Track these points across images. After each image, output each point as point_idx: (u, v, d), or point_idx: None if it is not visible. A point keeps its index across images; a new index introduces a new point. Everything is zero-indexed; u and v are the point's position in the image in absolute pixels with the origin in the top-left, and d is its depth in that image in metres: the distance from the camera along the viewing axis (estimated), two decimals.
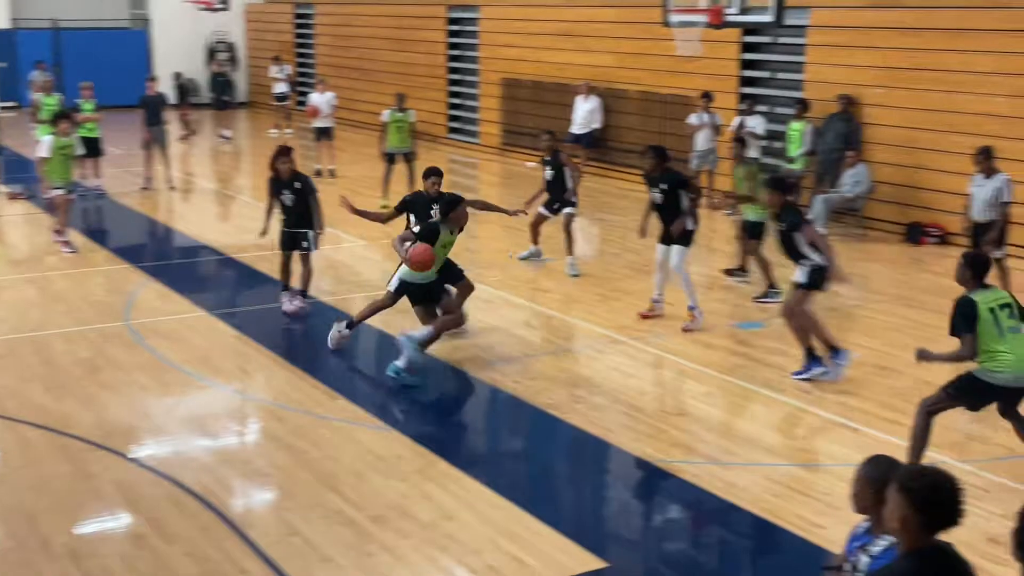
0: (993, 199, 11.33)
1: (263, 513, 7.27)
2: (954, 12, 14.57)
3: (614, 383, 9.57)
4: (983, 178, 11.46)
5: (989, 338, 7.27)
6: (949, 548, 3.55)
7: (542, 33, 21.69)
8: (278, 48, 30.03)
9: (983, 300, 7.40)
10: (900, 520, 3.50)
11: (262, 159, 24.22)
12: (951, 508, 3.46)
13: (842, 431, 8.42)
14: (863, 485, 4.04)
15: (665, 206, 11.03)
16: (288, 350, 10.59)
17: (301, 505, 7.12)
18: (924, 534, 3.47)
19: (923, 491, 3.45)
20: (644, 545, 7.13)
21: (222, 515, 6.95)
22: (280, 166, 11.64)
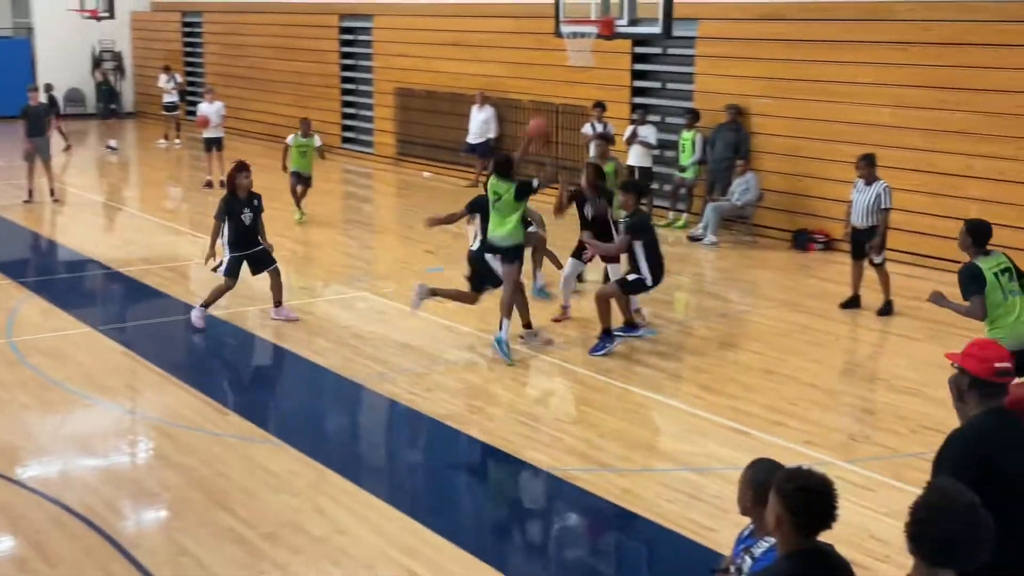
0: (874, 205, 11.67)
1: (151, 533, 7.11)
2: (836, 25, 14.99)
3: (510, 392, 9.60)
4: (864, 184, 11.79)
5: (994, 303, 7.56)
6: (828, 549, 3.63)
7: (436, 43, 21.69)
8: (165, 57, 29.48)
9: (987, 266, 7.85)
10: (775, 521, 3.58)
11: (149, 170, 23.84)
12: (823, 510, 3.53)
13: (732, 434, 8.57)
14: (745, 488, 4.13)
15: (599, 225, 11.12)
16: (178, 366, 10.38)
17: (191, 524, 6.98)
18: (800, 535, 3.54)
19: (794, 493, 3.53)
20: (542, 555, 7.15)
21: (108, 536, 6.77)
22: (243, 181, 11.28)
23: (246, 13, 27.69)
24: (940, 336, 11.04)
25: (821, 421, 8.82)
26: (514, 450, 8.24)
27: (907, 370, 10.10)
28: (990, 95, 13.29)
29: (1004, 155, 13.20)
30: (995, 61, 13.23)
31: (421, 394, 9.42)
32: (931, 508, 3.31)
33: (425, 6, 22.04)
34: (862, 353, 11.19)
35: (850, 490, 7.30)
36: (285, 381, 10.51)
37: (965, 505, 3.30)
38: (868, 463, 7.96)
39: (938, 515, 3.28)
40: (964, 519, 3.27)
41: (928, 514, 3.30)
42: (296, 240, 15.54)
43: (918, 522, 3.30)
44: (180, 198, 20.49)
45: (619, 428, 8.77)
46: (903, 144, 14.05)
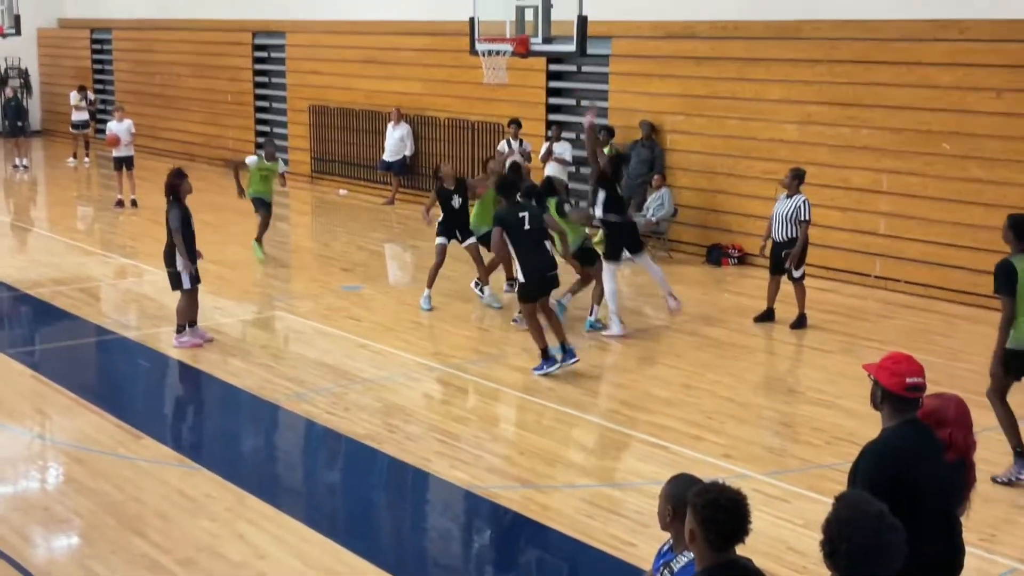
0: (793, 216, 11.89)
1: (62, 561, 6.93)
2: (744, 43, 15.27)
3: (429, 411, 9.57)
4: (785, 197, 12.02)
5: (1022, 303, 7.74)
6: (746, 563, 3.67)
7: (350, 60, 21.60)
8: (75, 74, 28.91)
9: (1022, 266, 7.80)
10: (691, 536, 3.62)
11: (58, 189, 23.33)
12: (735, 524, 3.57)
13: (651, 449, 8.64)
14: (664, 503, 4.16)
15: None
16: (90, 389, 10.15)
17: (103, 551, 6.82)
18: (714, 549, 3.58)
19: (707, 507, 3.57)
20: (463, 574, 7.13)
21: (17, 565, 6.60)
22: (188, 186, 11.10)
23: (158, 30, 27.28)
24: (854, 349, 11.27)
25: (739, 434, 8.93)
26: (434, 469, 8.20)
27: (822, 383, 10.29)
28: (895, 112, 13.64)
29: (911, 170, 13.54)
30: (899, 79, 13.59)
31: (339, 414, 9.34)
32: (841, 522, 3.38)
33: (339, 23, 21.94)
34: (778, 367, 11.37)
35: (767, 502, 7.41)
36: (201, 403, 10.35)
37: (874, 515, 3.38)
38: (785, 475, 8.08)
39: (848, 528, 3.35)
40: (874, 529, 3.34)
41: (839, 529, 3.36)
42: (211, 259, 15.30)
43: (831, 539, 3.37)
44: (90, 218, 20.07)
45: (539, 445, 8.79)
46: (812, 160, 14.32)
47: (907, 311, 12.96)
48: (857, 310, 12.97)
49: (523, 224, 10.19)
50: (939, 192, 13.31)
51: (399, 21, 20.55)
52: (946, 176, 13.23)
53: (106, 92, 29.31)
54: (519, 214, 10.26)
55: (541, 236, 10.26)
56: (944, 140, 13.22)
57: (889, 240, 13.84)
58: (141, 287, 13.94)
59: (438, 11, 19.23)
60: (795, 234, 11.86)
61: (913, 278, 13.62)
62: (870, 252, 14.01)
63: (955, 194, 13.17)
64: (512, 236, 10.18)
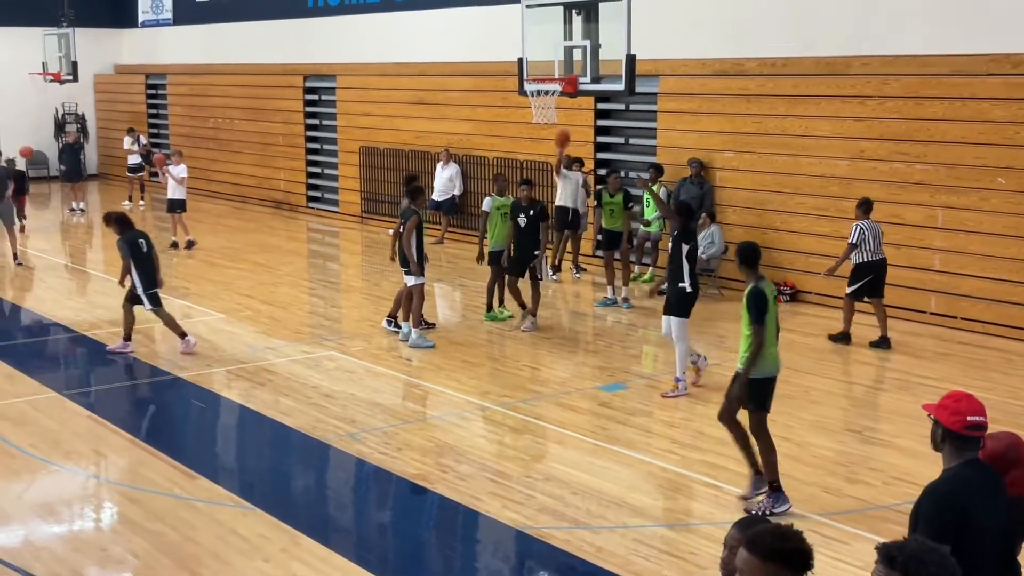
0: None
1: None
2: (792, 79, 15.23)
3: (480, 450, 9.55)
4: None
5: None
6: None
7: (400, 101, 21.82)
8: (130, 119, 29.46)
9: (769, 291, 8.09)
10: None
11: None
12: (799, 566, 3.49)
13: (705, 489, 8.55)
14: (729, 553, 4.05)
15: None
16: (145, 429, 10.26)
17: None
18: None
19: (770, 551, 3.49)
20: None
21: None
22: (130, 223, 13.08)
23: (211, 75, 27.76)
24: (910, 387, 11.12)
25: (794, 474, 8.81)
26: (486, 509, 8.18)
27: (878, 421, 10.15)
28: (949, 147, 13.52)
29: (965, 206, 13.40)
30: (952, 114, 13.48)
31: (391, 453, 9.35)
32: (911, 555, 3.32)
33: (388, 65, 22.20)
34: (833, 405, 11.22)
35: (825, 543, 7.30)
36: (254, 443, 10.40)
37: (941, 555, 3.32)
38: (842, 516, 7.96)
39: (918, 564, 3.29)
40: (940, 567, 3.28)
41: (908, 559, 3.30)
42: (263, 300, 15.47)
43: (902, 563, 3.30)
44: None
45: (591, 485, 8.74)
46: (865, 196, 14.23)
47: (964, 348, 12.77)
48: (913, 347, 12.81)
49: None
50: (995, 227, 13.14)
51: (447, 63, 20.75)
52: (1002, 211, 13.08)
53: (160, 136, 29.84)
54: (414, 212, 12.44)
55: None
56: (999, 175, 13.07)
57: (945, 276, 13.67)
58: (195, 328, 14.08)
59: (486, 52, 19.41)
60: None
61: (969, 314, 13.44)
62: (925, 288, 13.85)
63: (1011, 229, 13.00)
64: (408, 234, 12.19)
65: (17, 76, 29.45)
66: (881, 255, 12.81)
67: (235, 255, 19.14)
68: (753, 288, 8.03)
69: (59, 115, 31.19)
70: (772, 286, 8.30)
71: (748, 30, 15.87)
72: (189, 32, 28.86)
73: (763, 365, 8.02)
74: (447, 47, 20.78)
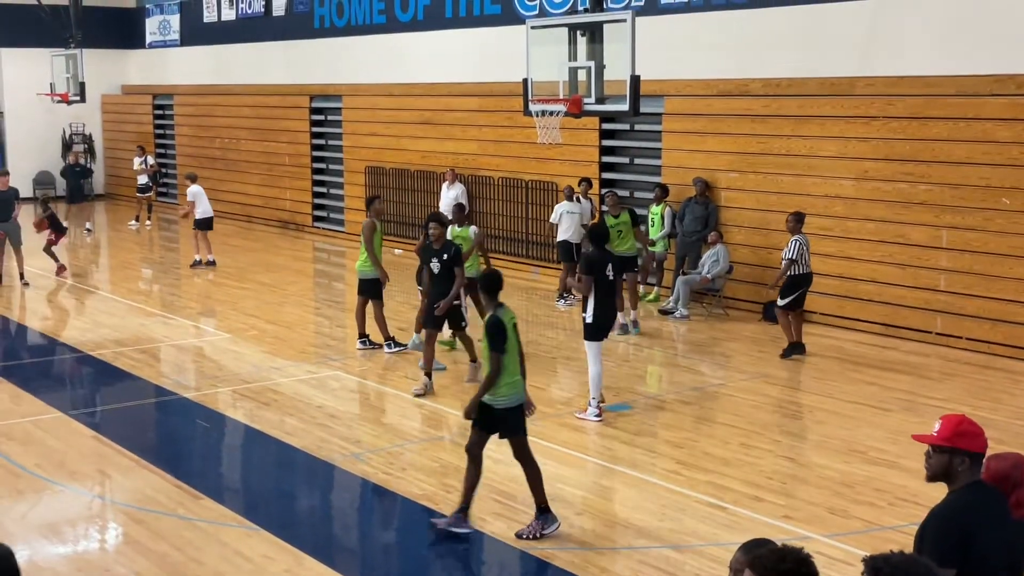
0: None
1: None
2: (797, 100, 15.26)
3: (485, 471, 9.50)
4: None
5: None
6: None
7: (405, 121, 21.89)
8: (137, 139, 29.59)
9: (508, 319, 8.09)
10: None
11: (121, 252, 23.76)
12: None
13: (710, 510, 8.53)
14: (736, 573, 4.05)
15: None
16: (150, 450, 10.25)
17: None
18: None
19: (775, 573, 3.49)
20: None
21: None
22: None
23: (217, 95, 27.88)
24: (915, 407, 11.10)
25: (799, 495, 8.80)
26: (490, 530, 8.16)
27: (883, 442, 10.12)
28: (953, 167, 13.52)
29: (970, 226, 13.39)
30: (956, 134, 13.49)
31: (395, 474, 9.34)
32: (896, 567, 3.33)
33: (394, 86, 22.28)
34: (838, 426, 11.19)
35: (831, 564, 7.28)
36: (258, 463, 10.40)
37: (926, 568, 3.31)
38: (847, 537, 7.94)
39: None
40: None
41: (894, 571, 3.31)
42: (268, 319, 15.49)
43: None
44: (152, 280, 20.41)
45: (596, 505, 8.72)
46: (870, 216, 14.25)
47: (969, 368, 12.74)
48: (918, 367, 12.79)
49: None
50: (1000, 247, 13.13)
51: (453, 83, 20.83)
52: (1007, 231, 13.07)
53: (167, 156, 29.95)
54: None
55: None
56: (1004, 195, 13.07)
57: (950, 296, 13.66)
58: (201, 347, 14.10)
59: (491, 72, 19.47)
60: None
61: (975, 335, 13.41)
62: (930, 308, 13.83)
63: (1016, 249, 12.99)
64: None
65: (25, 96, 29.61)
66: (809, 269, 13.26)
67: (241, 275, 19.18)
68: (492, 317, 8.02)
69: (66, 135, 31.33)
70: (512, 314, 8.21)
71: (753, 50, 15.91)
72: (196, 53, 29.00)
73: (510, 393, 7.99)
74: (453, 68, 20.85)
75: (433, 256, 11.90)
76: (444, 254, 11.83)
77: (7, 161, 28.68)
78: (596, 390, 10.76)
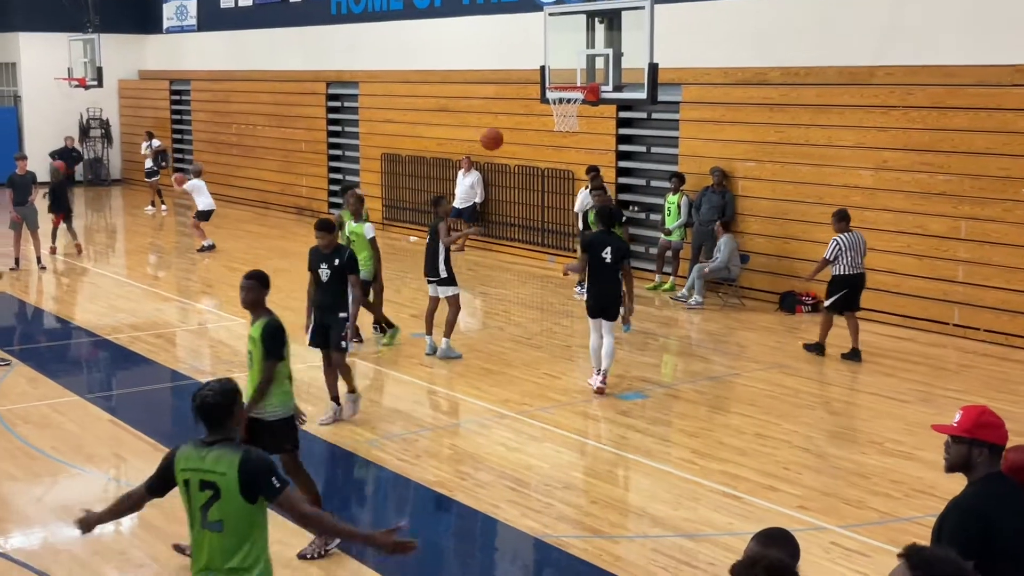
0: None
1: None
2: (816, 89, 15.17)
3: (499, 458, 9.53)
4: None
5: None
6: None
7: (422, 108, 21.87)
8: (154, 124, 29.65)
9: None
10: None
11: (136, 237, 23.83)
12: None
13: (724, 499, 8.51)
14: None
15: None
16: (166, 434, 10.28)
17: None
18: None
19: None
20: None
21: None
22: None
23: (234, 81, 27.90)
24: (932, 399, 11.05)
25: (815, 485, 8.77)
26: (504, 517, 8.16)
27: (899, 433, 10.08)
28: (973, 157, 13.43)
29: (989, 217, 13.30)
30: (976, 124, 13.39)
31: (410, 460, 9.35)
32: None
33: (411, 73, 22.25)
34: (854, 416, 11.15)
35: (847, 556, 7.26)
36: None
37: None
38: (862, 528, 7.91)
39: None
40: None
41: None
42: (283, 305, 15.49)
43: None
44: (167, 265, 20.46)
45: (610, 494, 8.71)
46: (888, 206, 14.17)
47: (986, 360, 12.68)
48: (935, 359, 12.73)
49: None
50: (1019, 239, 13.04)
51: (469, 70, 20.78)
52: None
53: (184, 142, 30.01)
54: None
55: None
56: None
57: (968, 288, 13.58)
58: (216, 332, 14.13)
59: (508, 60, 19.43)
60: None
61: (993, 326, 13.34)
62: (949, 300, 13.76)
63: None
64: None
65: (43, 81, 29.70)
66: (860, 269, 12.62)
67: (257, 260, 19.17)
68: (271, 322, 7.41)
69: (84, 120, 31.42)
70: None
71: (771, 39, 15.82)
72: (213, 39, 29.03)
73: (285, 402, 7.51)
74: (470, 55, 20.81)
75: (322, 261, 10.19)
76: (336, 259, 10.12)
77: (25, 145, 28.76)
78: (608, 361, 11.07)
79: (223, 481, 4.72)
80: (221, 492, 4.72)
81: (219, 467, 4.75)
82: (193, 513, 4.82)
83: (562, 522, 8.08)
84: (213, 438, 4.84)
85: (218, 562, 4.75)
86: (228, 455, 4.77)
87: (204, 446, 4.84)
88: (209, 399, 4.83)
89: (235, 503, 4.71)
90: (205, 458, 4.79)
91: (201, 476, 4.77)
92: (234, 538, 4.73)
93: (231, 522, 4.73)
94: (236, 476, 4.70)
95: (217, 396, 4.78)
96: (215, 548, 4.76)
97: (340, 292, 10.16)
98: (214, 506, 4.73)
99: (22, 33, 30.70)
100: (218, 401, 4.82)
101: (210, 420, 4.84)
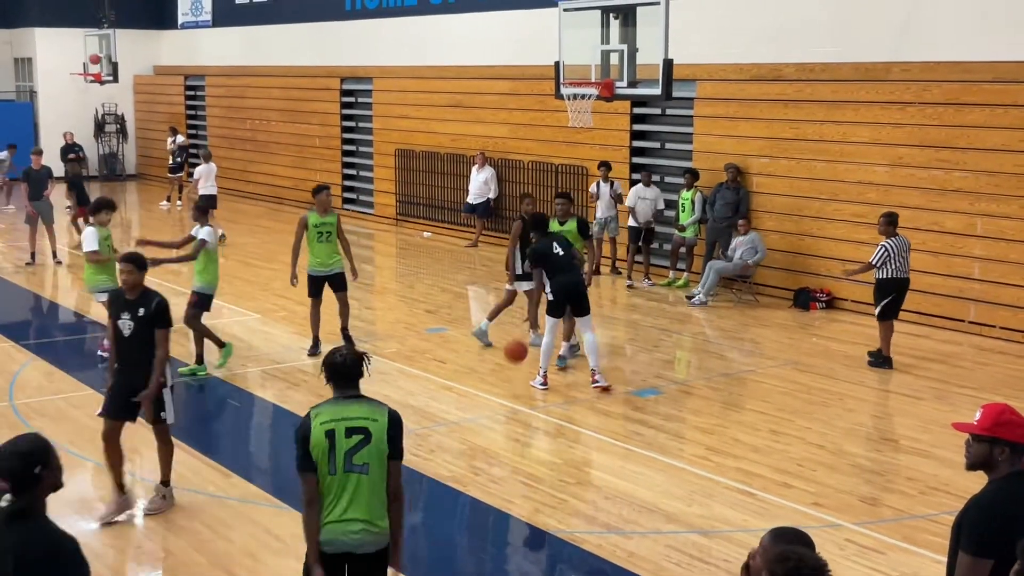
0: None
1: None
2: (833, 85, 15.12)
3: (513, 453, 9.54)
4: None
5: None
6: None
7: (435, 104, 21.88)
8: (168, 119, 29.71)
9: None
10: None
11: (150, 232, 23.88)
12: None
13: (739, 496, 8.50)
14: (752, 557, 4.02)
15: None
16: (181, 428, 10.29)
17: None
18: None
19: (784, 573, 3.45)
20: None
21: None
22: None
23: (249, 76, 27.95)
24: (948, 396, 11.01)
25: (829, 482, 8.75)
26: (517, 512, 8.17)
27: (915, 430, 10.05)
28: (989, 154, 13.37)
29: (1006, 214, 13.25)
30: (992, 121, 13.33)
31: (423, 455, 9.36)
32: None
33: (425, 68, 22.26)
34: (869, 413, 11.12)
35: (862, 553, 7.24)
36: (288, 443, 10.39)
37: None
38: (878, 525, 7.89)
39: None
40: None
41: None
42: (298, 300, 15.53)
43: None
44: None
45: (624, 490, 8.71)
46: (904, 203, 14.11)
47: (1002, 357, 12.63)
48: (951, 356, 12.68)
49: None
50: None
51: (484, 66, 20.78)
52: None
53: (199, 137, 30.08)
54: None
55: None
56: None
57: (984, 285, 13.53)
58: (230, 327, 14.16)
59: (522, 55, 19.42)
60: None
61: (1008, 324, 13.29)
62: (964, 297, 13.71)
63: None
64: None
65: (59, 76, 29.80)
66: (905, 274, 12.15)
67: (271, 256, 19.22)
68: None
69: (99, 115, 31.52)
70: None
71: (786, 35, 15.78)
72: (228, 34, 29.09)
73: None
74: (484, 50, 20.81)
75: (124, 310, 7.98)
76: (141, 308, 7.93)
77: (40, 140, 28.86)
78: (545, 360, 11.30)
79: (375, 427, 5.24)
80: (372, 437, 5.22)
81: (372, 415, 5.28)
82: (337, 459, 5.21)
83: (575, 518, 8.08)
84: (351, 393, 5.34)
85: (364, 497, 5.22)
86: (376, 406, 5.35)
87: (342, 400, 5.31)
88: (349, 360, 5.34)
89: (380, 448, 5.23)
90: (349, 407, 5.28)
91: (348, 424, 5.22)
92: (379, 480, 5.25)
93: (375, 466, 5.23)
94: (387, 423, 5.28)
95: (352, 357, 5.32)
96: (362, 487, 5.23)
97: (148, 348, 7.98)
98: (363, 450, 5.21)
99: (38, 28, 30.82)
100: (355, 361, 5.34)
101: (350, 377, 5.34)
